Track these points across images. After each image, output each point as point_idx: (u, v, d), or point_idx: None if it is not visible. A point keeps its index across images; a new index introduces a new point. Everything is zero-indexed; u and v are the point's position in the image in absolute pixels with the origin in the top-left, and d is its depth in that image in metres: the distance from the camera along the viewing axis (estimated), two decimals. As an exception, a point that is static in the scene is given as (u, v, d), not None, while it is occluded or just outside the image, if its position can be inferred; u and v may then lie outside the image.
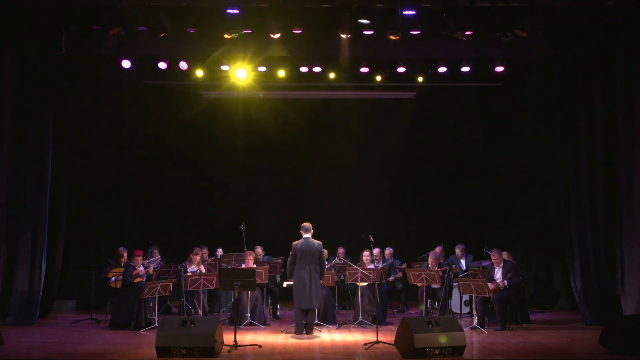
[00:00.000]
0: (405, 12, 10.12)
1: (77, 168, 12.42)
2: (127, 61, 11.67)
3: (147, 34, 10.84)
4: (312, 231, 9.73)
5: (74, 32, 10.84)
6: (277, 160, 14.54)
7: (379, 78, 12.51)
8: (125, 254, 10.83)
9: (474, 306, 10.55)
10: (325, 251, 11.50)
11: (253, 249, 11.71)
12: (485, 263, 11.52)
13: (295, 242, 9.69)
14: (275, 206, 14.22)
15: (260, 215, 13.67)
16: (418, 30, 10.74)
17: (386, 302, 11.20)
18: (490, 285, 10.00)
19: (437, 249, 11.48)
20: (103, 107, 13.04)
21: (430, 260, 10.99)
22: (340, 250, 12.34)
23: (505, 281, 10.13)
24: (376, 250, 11.10)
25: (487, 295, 9.94)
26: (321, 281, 9.79)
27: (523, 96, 13.32)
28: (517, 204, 13.48)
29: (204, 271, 10.69)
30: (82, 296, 12.32)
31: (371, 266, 10.52)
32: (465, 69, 11.92)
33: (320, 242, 9.70)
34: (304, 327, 9.52)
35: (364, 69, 11.99)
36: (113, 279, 10.65)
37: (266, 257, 12.08)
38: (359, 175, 14.50)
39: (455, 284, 10.95)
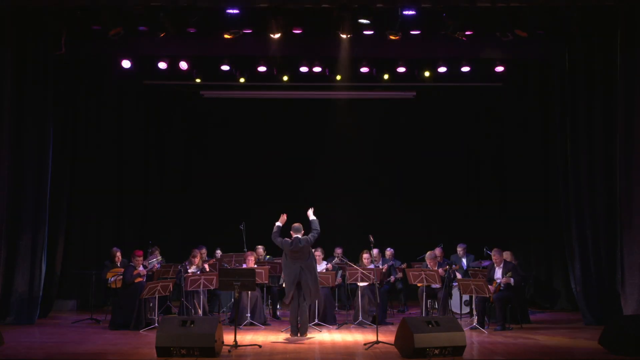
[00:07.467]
0: (405, 12, 10.13)
1: (77, 168, 12.43)
2: (127, 61, 11.70)
3: (147, 34, 10.83)
4: (302, 232, 9.59)
5: (74, 32, 10.83)
6: (277, 160, 14.52)
7: (379, 78, 12.52)
8: (118, 254, 10.83)
9: (474, 306, 10.55)
10: (322, 250, 11.53)
11: (254, 249, 11.70)
12: (486, 263, 11.51)
13: (284, 239, 9.57)
14: (275, 206, 14.15)
15: (261, 215, 13.64)
16: (418, 30, 10.75)
17: (386, 302, 11.20)
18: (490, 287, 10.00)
19: (437, 250, 11.48)
20: (103, 107, 13.06)
21: (428, 260, 10.97)
22: (338, 251, 12.34)
23: (512, 279, 10.10)
24: (375, 251, 11.09)
25: (487, 295, 9.94)
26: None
27: (523, 96, 13.31)
28: (517, 204, 13.45)
29: (207, 270, 10.69)
30: (82, 296, 12.30)
31: (371, 266, 10.52)
32: (465, 69, 11.95)
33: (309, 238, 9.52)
34: (297, 328, 9.40)
35: (364, 69, 12.01)
36: (112, 279, 10.65)
37: (267, 257, 12.07)
38: (358, 175, 14.49)
39: (455, 284, 10.94)
